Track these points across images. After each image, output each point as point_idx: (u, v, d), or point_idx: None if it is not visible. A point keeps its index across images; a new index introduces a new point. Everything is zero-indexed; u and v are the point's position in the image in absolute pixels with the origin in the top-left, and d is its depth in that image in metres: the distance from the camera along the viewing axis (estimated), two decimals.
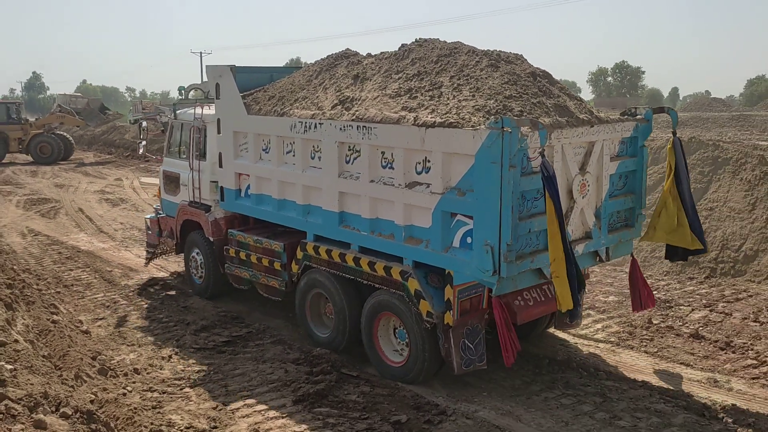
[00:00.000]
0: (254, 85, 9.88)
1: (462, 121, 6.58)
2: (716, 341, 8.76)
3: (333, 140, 7.98)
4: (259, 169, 9.33)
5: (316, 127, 8.21)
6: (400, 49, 8.44)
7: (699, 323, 9.40)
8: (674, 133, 7.56)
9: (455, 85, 7.27)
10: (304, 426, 6.67)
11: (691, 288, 11.04)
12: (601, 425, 6.70)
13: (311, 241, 8.62)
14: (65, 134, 33.60)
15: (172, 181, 11.47)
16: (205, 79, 12.16)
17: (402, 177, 7.22)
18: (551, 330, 8.90)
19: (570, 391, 7.42)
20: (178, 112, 11.34)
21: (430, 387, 7.48)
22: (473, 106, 6.77)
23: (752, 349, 8.48)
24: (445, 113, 6.85)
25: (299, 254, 8.82)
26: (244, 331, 9.42)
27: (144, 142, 12.27)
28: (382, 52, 8.81)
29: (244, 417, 6.91)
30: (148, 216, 12.62)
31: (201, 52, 73.58)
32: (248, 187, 9.71)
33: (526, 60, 7.69)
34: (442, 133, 6.69)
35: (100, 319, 10.04)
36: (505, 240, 6.30)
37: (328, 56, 9.60)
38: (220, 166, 10.11)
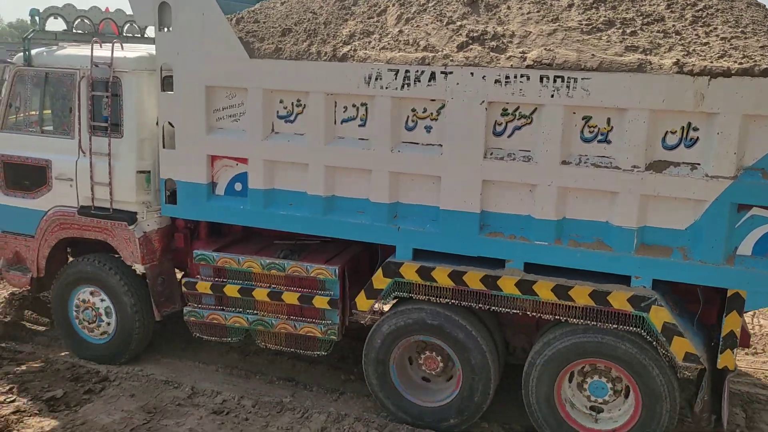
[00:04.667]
0: None
1: None
2: None
3: (477, 99, 4.98)
4: (273, 148, 5.67)
5: (433, 78, 5.07)
6: None
7: None
8: None
9: (687, 17, 4.96)
10: None
11: None
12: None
13: (409, 260, 5.45)
14: None
15: (26, 174, 6.66)
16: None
17: (637, 155, 4.70)
18: None
19: None
20: (35, 53, 6.55)
21: None
22: (761, 47, 4.60)
23: None
24: (723, 56, 4.54)
25: (380, 282, 5.54)
26: None
27: None
28: None
29: None
30: None
31: None
32: (238, 180, 5.93)
33: None
34: (746, 86, 4.38)
35: None
36: None
37: None
38: (165, 145, 6.04)
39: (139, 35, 7.90)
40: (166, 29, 5.81)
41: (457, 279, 5.31)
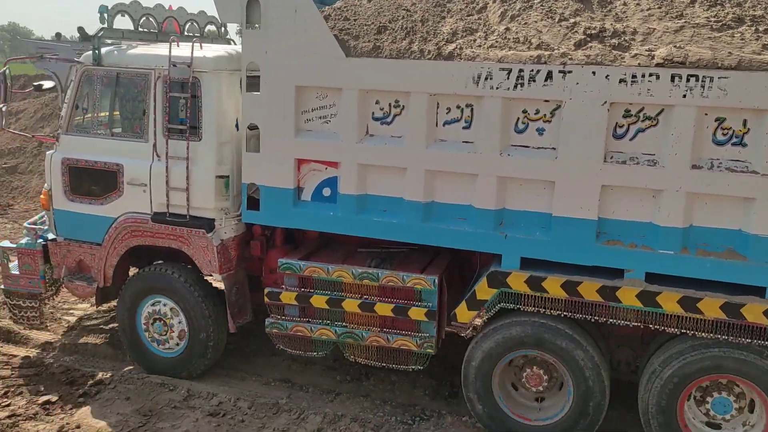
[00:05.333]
0: None
1: None
2: None
3: (599, 100, 4.70)
4: (368, 152, 5.38)
5: (549, 77, 4.79)
6: None
7: None
8: None
9: None
10: None
11: None
12: None
13: (516, 269, 5.15)
14: None
15: (93, 179, 6.35)
16: None
17: None
18: None
19: None
20: (105, 52, 6.25)
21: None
22: None
23: None
24: None
25: (485, 293, 5.24)
26: None
27: (3, 106, 6.62)
28: None
29: None
30: (6, 244, 7.07)
31: None
32: (327, 185, 5.63)
33: None
34: None
35: None
36: None
37: None
38: (249, 148, 5.74)
39: (199, 34, 7.62)
40: (263, 26, 5.50)
41: (570, 290, 5.02)
